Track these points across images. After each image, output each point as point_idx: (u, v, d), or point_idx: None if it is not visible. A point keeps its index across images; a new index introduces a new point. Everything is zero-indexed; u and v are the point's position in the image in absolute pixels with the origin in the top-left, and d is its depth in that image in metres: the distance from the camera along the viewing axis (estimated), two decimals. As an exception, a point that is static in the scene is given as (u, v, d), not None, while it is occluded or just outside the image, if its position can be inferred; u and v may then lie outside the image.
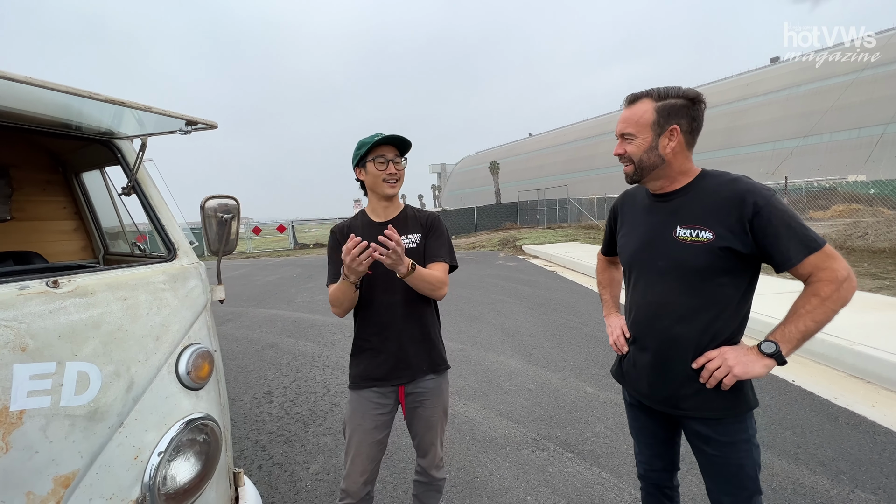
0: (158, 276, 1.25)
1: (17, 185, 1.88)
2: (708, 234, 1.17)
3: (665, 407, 1.30)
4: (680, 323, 1.23)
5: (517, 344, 4.57)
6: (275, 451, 2.71)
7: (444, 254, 1.61)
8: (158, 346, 1.16)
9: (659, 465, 1.48)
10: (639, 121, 1.23)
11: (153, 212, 1.44)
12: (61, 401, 0.93)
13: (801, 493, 2.07)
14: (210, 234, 1.47)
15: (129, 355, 1.08)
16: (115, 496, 0.99)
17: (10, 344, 0.88)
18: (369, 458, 1.59)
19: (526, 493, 2.21)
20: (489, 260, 11.98)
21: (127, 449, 1.03)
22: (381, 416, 1.61)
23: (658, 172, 1.26)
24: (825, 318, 1.09)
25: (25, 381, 0.88)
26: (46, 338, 0.93)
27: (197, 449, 1.21)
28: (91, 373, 0.99)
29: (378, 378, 1.59)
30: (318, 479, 2.40)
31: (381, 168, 1.52)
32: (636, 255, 1.35)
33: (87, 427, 0.96)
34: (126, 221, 1.89)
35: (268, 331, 5.54)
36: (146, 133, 1.38)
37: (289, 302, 7.32)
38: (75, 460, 0.93)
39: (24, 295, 0.94)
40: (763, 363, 1.12)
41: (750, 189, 1.15)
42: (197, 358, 1.27)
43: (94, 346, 1.01)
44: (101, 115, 1.28)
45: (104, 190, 1.89)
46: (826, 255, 1.09)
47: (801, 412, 2.84)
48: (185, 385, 1.22)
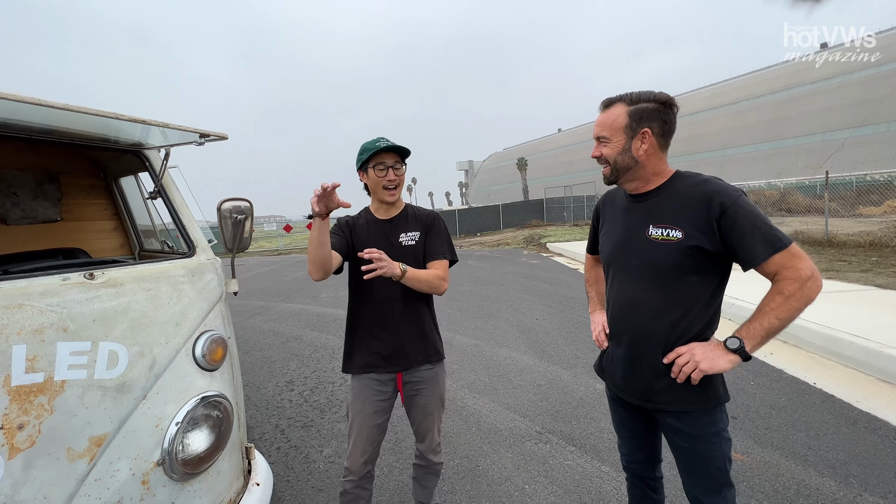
0: (178, 270, 1.43)
1: (65, 189, 2.14)
2: (678, 233, 1.22)
3: (639, 400, 1.36)
4: (651, 319, 1.28)
5: (531, 341, 4.62)
6: (292, 435, 2.90)
7: (443, 251, 1.72)
8: (178, 332, 1.33)
9: (640, 456, 1.53)
10: (612, 124, 1.29)
11: (175, 213, 1.62)
12: (95, 374, 1.10)
13: (804, 494, 2.04)
14: (225, 233, 1.64)
15: (151, 338, 1.25)
16: (139, 457, 1.16)
17: (55, 325, 1.06)
18: (369, 440, 1.72)
19: (525, 482, 2.29)
20: (512, 257, 11.97)
21: (149, 418, 1.20)
22: (380, 402, 1.73)
23: (632, 174, 1.31)
24: (788, 315, 1.12)
25: (66, 356, 1.06)
26: (83, 321, 1.11)
27: (211, 423, 1.37)
28: (120, 352, 1.16)
29: (376, 365, 1.71)
30: (329, 462, 2.56)
31: (381, 175, 1.64)
32: (613, 253, 1.40)
33: (116, 397, 1.13)
34: (157, 222, 2.11)
35: (293, 324, 5.83)
36: (169, 144, 1.56)
37: (314, 297, 7.63)
38: (106, 424, 1.10)
39: (65, 285, 1.12)
40: (728, 358, 1.16)
41: (718, 190, 1.19)
42: (212, 343, 1.44)
43: (123, 330, 1.18)
44: (133, 130, 1.46)
45: (138, 193, 2.12)
46: (791, 254, 1.12)
47: (817, 415, 2.76)
48: (200, 366, 1.39)
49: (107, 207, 2.32)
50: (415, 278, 1.55)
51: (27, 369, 0.99)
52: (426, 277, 1.60)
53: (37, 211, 2.04)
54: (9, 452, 0.94)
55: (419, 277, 1.57)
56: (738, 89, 35.69)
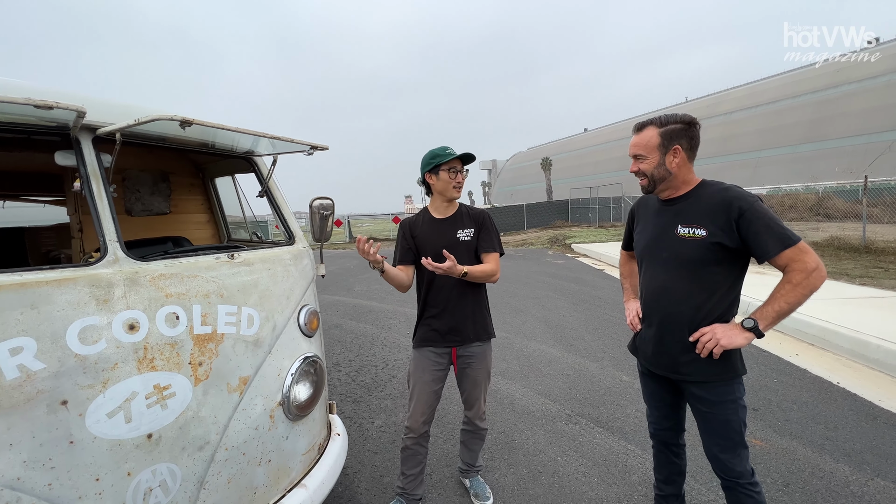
0: (286, 254, 1.77)
1: (173, 187, 2.54)
2: (702, 231, 1.46)
3: (667, 372, 1.61)
4: (678, 303, 1.53)
5: (559, 335, 4.85)
6: (345, 408, 3.25)
7: (494, 245, 2.02)
8: (288, 303, 1.68)
9: (666, 424, 1.78)
10: (647, 144, 1.54)
11: (279, 210, 1.97)
12: (241, 330, 1.45)
13: (818, 476, 2.23)
14: (314, 227, 1.98)
15: (273, 306, 1.59)
16: (268, 398, 1.50)
17: (216, 292, 1.40)
18: (427, 403, 2.02)
19: (557, 454, 2.55)
20: (537, 257, 12.14)
21: (273, 368, 1.54)
22: (437, 372, 2.04)
23: (666, 183, 1.56)
24: (796, 300, 1.35)
25: (224, 315, 1.40)
26: (232, 290, 1.45)
27: (311, 378, 1.70)
28: (255, 315, 1.50)
29: (435, 341, 2.02)
30: (381, 431, 2.90)
31: (453, 177, 1.94)
32: (646, 248, 1.66)
33: (254, 349, 1.48)
34: (248, 215, 2.48)
35: (332, 314, 6.24)
36: (277, 152, 1.91)
37: (348, 290, 8.05)
38: (248, 369, 1.45)
39: (218, 262, 1.47)
40: (744, 335, 1.41)
41: (737, 196, 1.43)
42: (310, 314, 1.78)
43: (255, 298, 1.53)
44: (247, 140, 1.81)
45: (233, 192, 2.50)
46: (800, 249, 1.35)
47: (838, 410, 2.91)
48: (303, 332, 1.73)
49: (202, 203, 2.72)
50: (474, 275, 1.89)
51: (202, 323, 1.34)
52: (482, 273, 1.93)
53: (153, 204, 2.45)
54: (195, 381, 1.28)
55: (477, 275, 1.91)
56: (776, 88, 34.38)
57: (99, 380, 1.11)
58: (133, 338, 1.18)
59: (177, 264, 1.35)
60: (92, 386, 1.10)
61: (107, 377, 1.12)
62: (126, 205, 2.39)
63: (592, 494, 2.20)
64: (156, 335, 1.23)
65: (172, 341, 1.26)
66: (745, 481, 1.50)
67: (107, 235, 1.24)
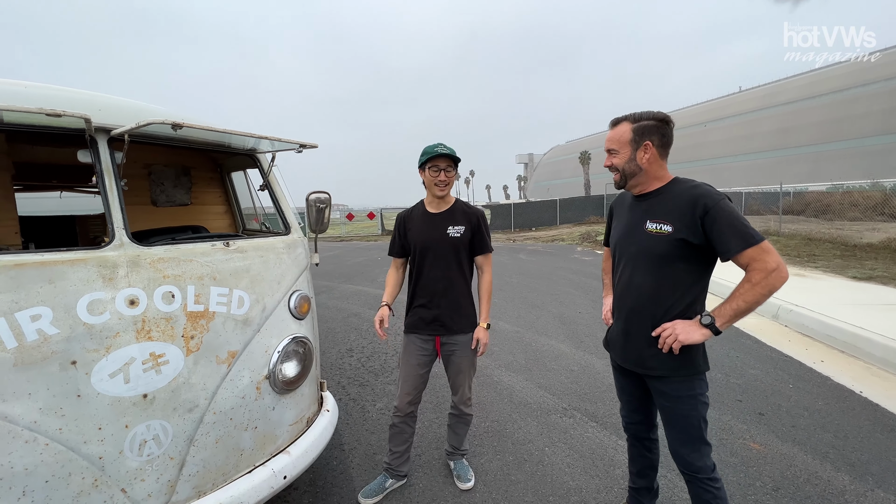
0: (279, 243, 1.93)
1: (194, 181, 2.80)
2: (668, 227, 1.48)
3: (634, 366, 1.64)
4: (643, 297, 1.55)
5: (571, 331, 4.83)
6: (351, 391, 3.45)
7: (488, 246, 2.15)
8: (279, 287, 1.84)
9: (636, 418, 1.80)
10: (620, 139, 1.56)
11: (277, 202, 2.15)
12: (231, 310, 1.62)
13: (812, 483, 2.16)
14: (310, 218, 2.14)
15: (263, 290, 1.76)
16: (255, 371, 1.68)
17: (209, 275, 1.58)
18: (413, 385, 2.15)
19: (545, 445, 2.61)
20: (565, 253, 11.95)
21: (261, 345, 1.71)
22: (422, 357, 2.15)
23: (637, 179, 1.58)
24: (754, 299, 1.35)
25: (215, 296, 1.58)
26: (224, 274, 1.63)
27: (298, 356, 1.86)
28: (245, 297, 1.68)
29: (421, 329, 2.13)
30: (381, 413, 3.06)
31: (434, 175, 2.03)
32: (618, 243, 1.68)
33: (243, 327, 1.65)
34: (257, 206, 2.70)
35: (353, 302, 6.50)
36: (275, 150, 2.08)
37: (372, 280, 8.33)
38: (237, 344, 1.62)
39: (213, 249, 1.65)
40: (701, 332, 1.42)
41: (703, 194, 1.43)
42: (300, 299, 1.94)
43: (246, 282, 1.70)
44: (250, 140, 1.99)
45: (245, 185, 2.72)
46: (761, 249, 1.35)
47: (852, 420, 2.76)
48: (293, 315, 1.89)
49: (220, 195, 2.97)
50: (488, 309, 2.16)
51: (195, 301, 1.52)
52: (487, 298, 2.17)
53: (175, 196, 2.72)
54: (186, 352, 1.47)
55: (488, 305, 2.17)
56: (843, 76, 31.51)
57: (103, 345, 1.31)
58: (133, 311, 1.38)
59: (175, 250, 1.54)
60: (97, 350, 1.30)
61: (109, 343, 1.32)
62: (152, 196, 2.67)
63: (573, 484, 2.24)
64: (153, 310, 1.42)
65: (168, 316, 1.45)
66: (703, 476, 1.52)
67: (115, 223, 1.44)
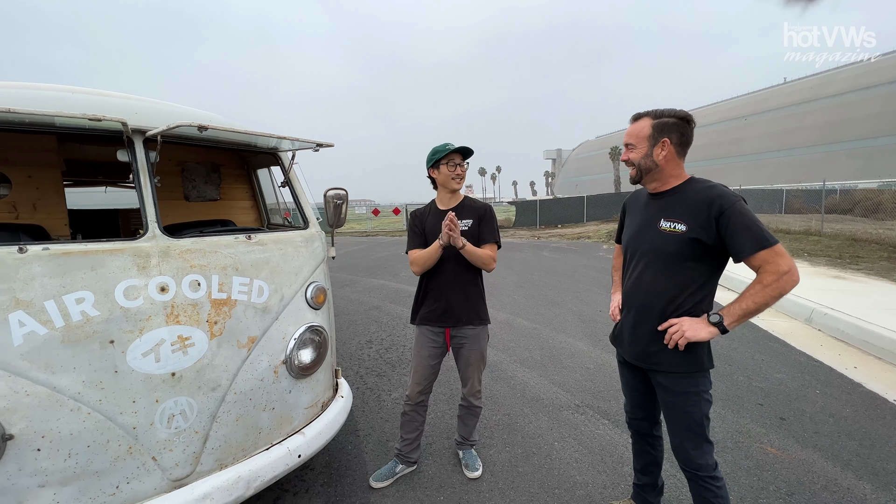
0: (298, 237, 2.05)
1: (223, 177, 2.97)
2: (682, 226, 1.48)
3: (638, 361, 1.65)
4: (653, 294, 1.56)
5: (589, 330, 4.80)
6: (369, 380, 3.57)
7: (494, 237, 2.16)
8: (297, 279, 1.95)
9: (640, 414, 1.81)
10: (638, 134, 1.57)
11: (296, 197, 2.26)
12: (251, 299, 1.74)
13: (830, 490, 2.10)
14: (328, 214, 2.25)
15: (282, 281, 1.88)
16: (273, 356, 1.80)
17: (232, 265, 1.71)
18: (424, 376, 2.23)
19: (555, 440, 2.64)
20: (589, 251, 11.76)
21: (279, 332, 1.83)
22: (433, 349, 2.22)
23: (653, 175, 1.58)
24: (764, 301, 1.35)
25: (237, 285, 1.70)
26: (246, 264, 1.75)
27: (314, 344, 1.97)
28: (265, 287, 1.80)
29: (431, 320, 2.20)
30: (395, 402, 3.16)
31: (452, 170, 2.10)
32: (631, 239, 1.69)
33: (262, 315, 1.77)
34: (280, 202, 2.84)
35: (375, 296, 6.67)
36: (294, 149, 2.20)
37: (394, 275, 8.49)
38: (256, 330, 1.75)
39: (236, 241, 1.77)
40: (708, 330, 1.42)
41: (720, 194, 1.42)
42: (316, 290, 2.05)
43: (266, 273, 1.82)
44: (272, 140, 2.11)
45: (269, 182, 2.86)
46: (774, 252, 1.34)
47: (882, 429, 2.64)
48: (309, 305, 2.01)
49: (247, 191, 3.14)
50: (471, 252, 2.03)
51: (218, 290, 1.65)
52: (480, 254, 2.07)
53: (206, 192, 2.90)
54: (210, 336, 1.60)
55: (474, 252, 2.05)
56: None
57: (137, 327, 1.45)
58: (164, 297, 1.51)
59: (201, 241, 1.67)
60: (132, 331, 1.44)
61: (143, 326, 1.46)
62: (184, 192, 2.85)
63: (579, 479, 2.27)
64: (181, 297, 1.55)
65: (194, 302, 1.58)
66: (704, 473, 1.52)
67: (149, 217, 1.58)
